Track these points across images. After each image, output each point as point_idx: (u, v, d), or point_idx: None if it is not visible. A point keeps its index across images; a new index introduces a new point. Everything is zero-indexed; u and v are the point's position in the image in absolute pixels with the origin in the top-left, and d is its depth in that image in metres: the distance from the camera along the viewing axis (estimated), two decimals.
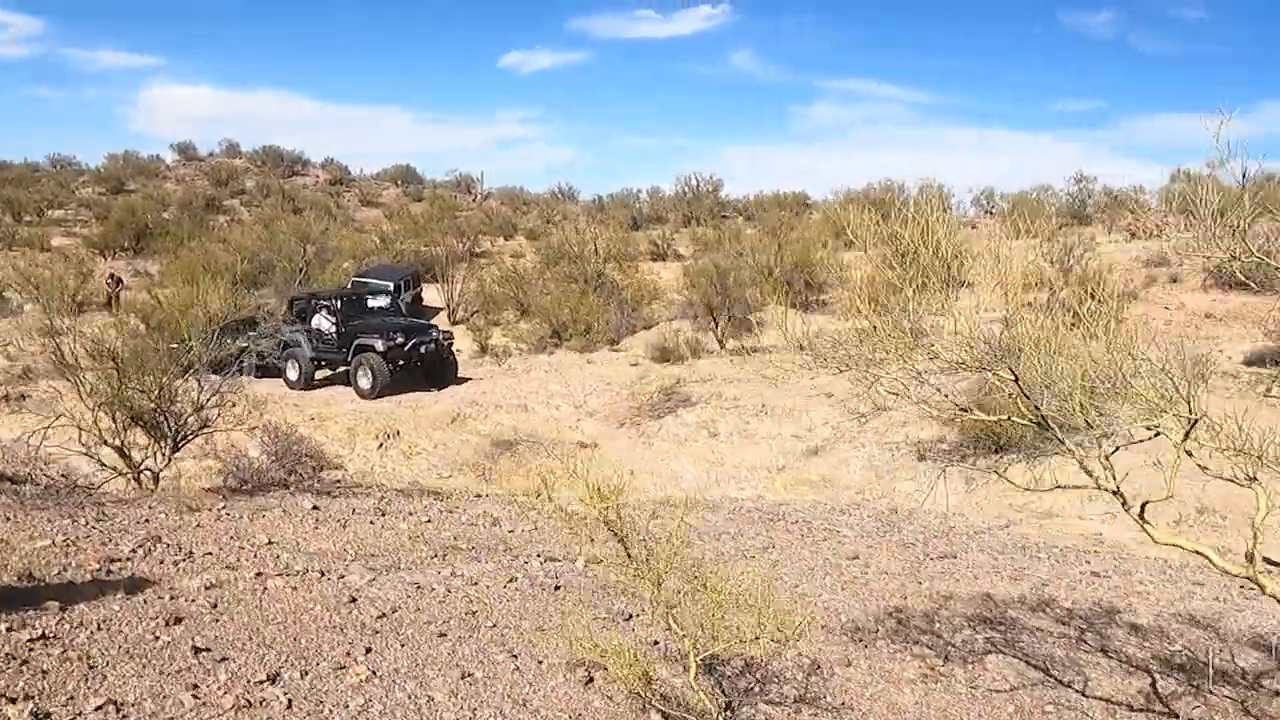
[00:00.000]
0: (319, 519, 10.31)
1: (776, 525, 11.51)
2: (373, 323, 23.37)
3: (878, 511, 12.98)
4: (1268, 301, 27.04)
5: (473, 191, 54.48)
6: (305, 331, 23.46)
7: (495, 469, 17.02)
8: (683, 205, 48.77)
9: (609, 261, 33.34)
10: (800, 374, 21.79)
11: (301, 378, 23.16)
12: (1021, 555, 10.93)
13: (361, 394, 21.62)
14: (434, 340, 22.97)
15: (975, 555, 10.69)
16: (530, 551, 9.55)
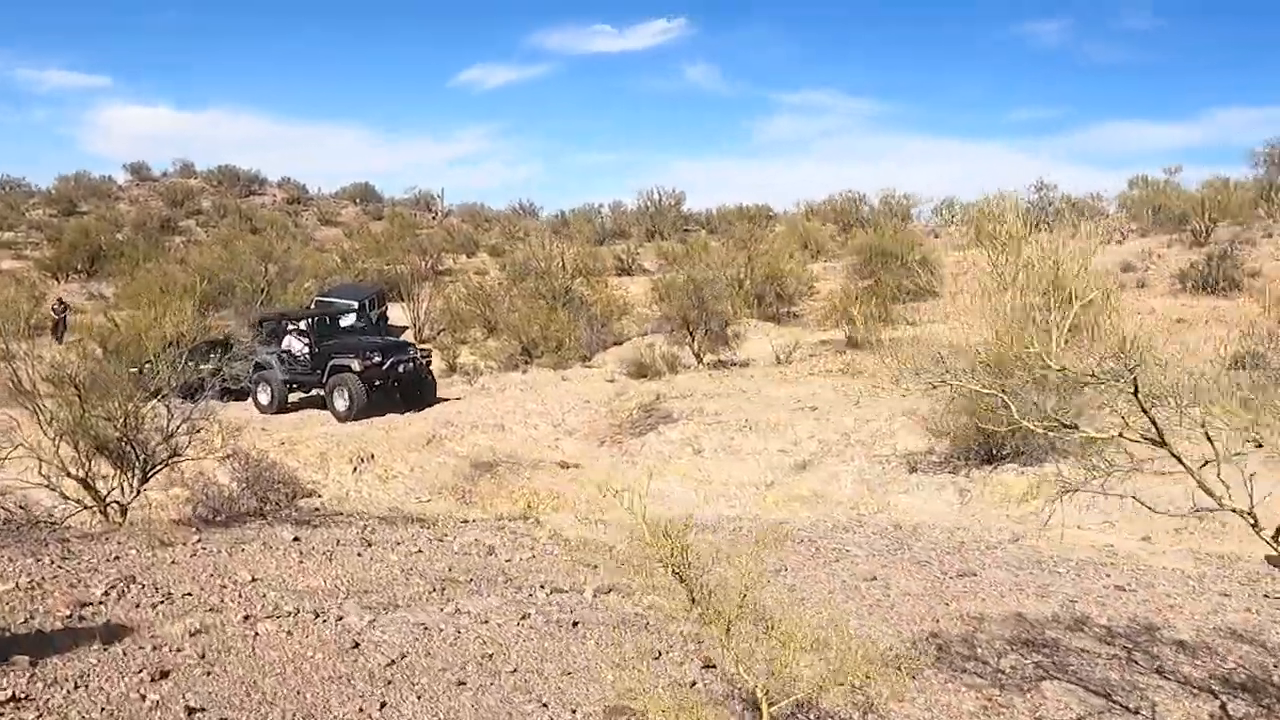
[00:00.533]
0: (302, 551, 9.62)
1: (783, 545, 10.94)
2: (348, 342, 22.38)
3: (882, 528, 12.45)
4: (1235, 305, 27.11)
5: (433, 209, 53.72)
6: (276, 353, 22.41)
7: (476, 491, 16.33)
8: (645, 219, 48.31)
9: (576, 277, 32.74)
10: (781, 387, 21.39)
11: (274, 401, 22.04)
12: (1040, 570, 10.43)
13: (338, 416, 20.72)
14: (412, 359, 22.00)
15: (994, 572, 10.18)
16: (533, 582, 8.92)
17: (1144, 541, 13.40)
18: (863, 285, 27.54)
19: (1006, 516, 14.49)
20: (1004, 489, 15.06)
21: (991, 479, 15.26)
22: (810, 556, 10.35)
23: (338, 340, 22.55)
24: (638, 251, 42.25)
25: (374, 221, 49.72)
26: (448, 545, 10.36)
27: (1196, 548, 13.09)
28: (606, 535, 11.20)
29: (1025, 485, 15.04)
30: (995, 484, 15.12)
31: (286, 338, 22.52)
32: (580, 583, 8.82)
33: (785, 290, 30.02)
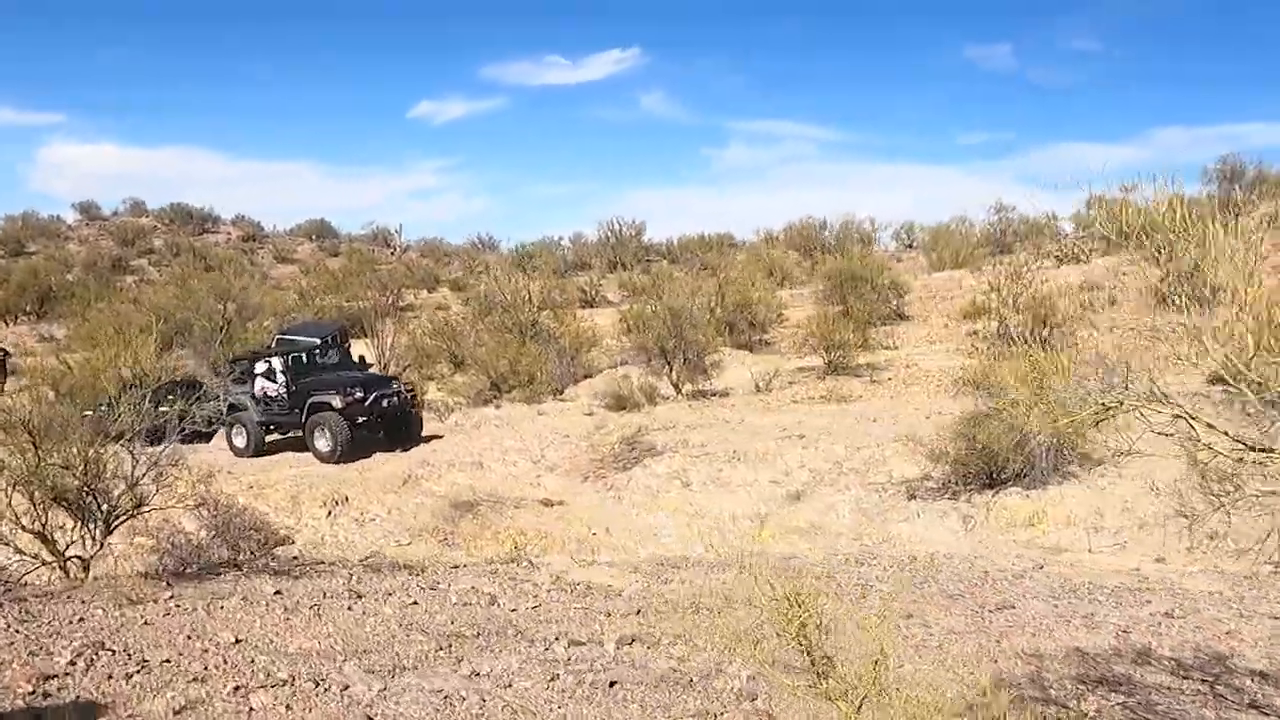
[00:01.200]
0: (287, 607, 8.72)
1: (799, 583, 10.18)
2: (326, 378, 20.98)
3: (898, 560, 11.74)
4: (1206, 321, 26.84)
5: (391, 244, 52.72)
6: (251, 393, 21.04)
7: (458, 533, 15.44)
8: (607, 250, 47.64)
9: (543, 309, 31.94)
10: (765, 415, 20.70)
11: (250, 444, 20.58)
12: (1077, 599, 9.76)
13: (321, 457, 19.37)
14: (396, 393, 20.68)
15: (1032, 603, 9.49)
16: (547, 634, 8.09)
17: (1159, 563, 12.85)
18: (834, 310, 26.94)
19: (1012, 541, 13.90)
20: (1009, 514, 14.45)
21: (995, 504, 14.64)
22: (834, 595, 9.58)
23: (316, 377, 21.13)
24: (600, 283, 41.56)
25: (331, 258, 48.62)
26: (443, 594, 9.50)
27: (1212, 566, 12.55)
28: (612, 578, 10.38)
29: (1031, 510, 14.45)
30: (999, 509, 14.52)
31: (260, 376, 21.16)
32: (598, 633, 8.01)
33: (756, 318, 29.40)
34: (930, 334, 28.38)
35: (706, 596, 9.29)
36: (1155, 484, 14.86)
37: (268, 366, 21.12)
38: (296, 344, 26.31)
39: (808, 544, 14.19)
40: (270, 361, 21.20)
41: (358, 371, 22.30)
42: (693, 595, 9.35)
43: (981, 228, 43.83)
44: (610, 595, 9.42)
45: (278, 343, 27.09)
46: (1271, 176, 38.33)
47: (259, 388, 20.95)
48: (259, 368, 21.21)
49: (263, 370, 21.08)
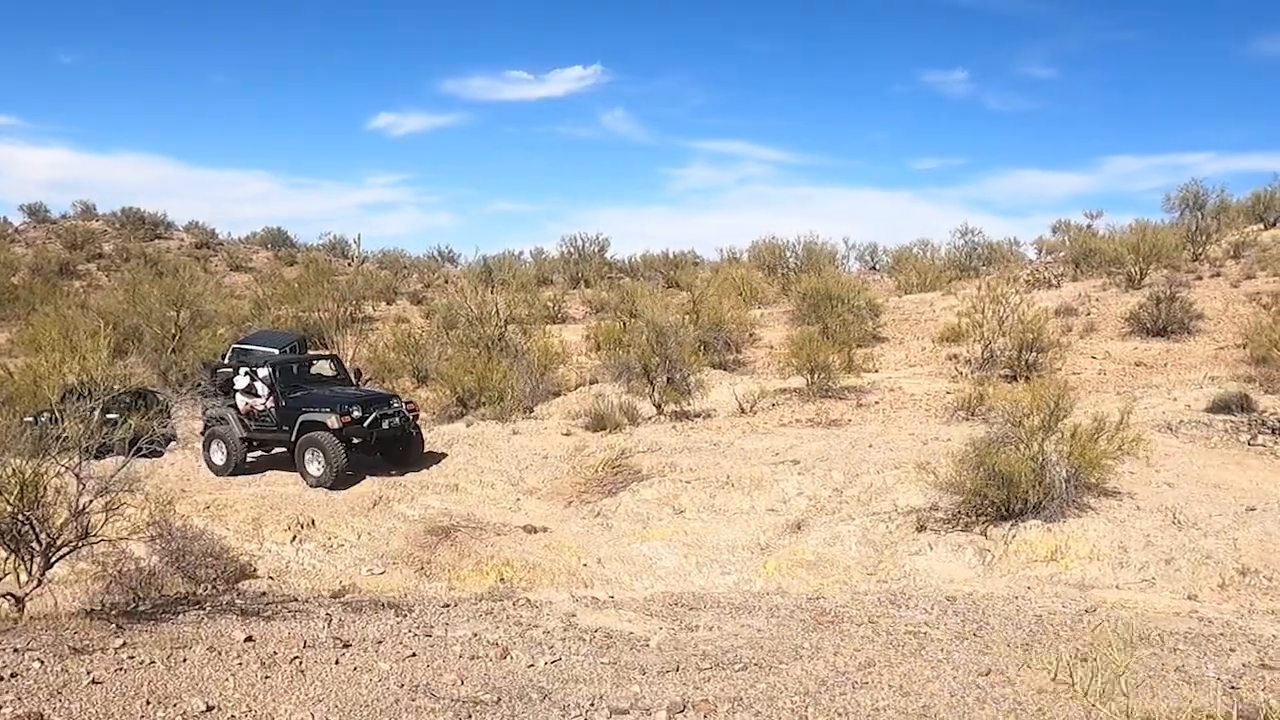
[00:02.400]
0: (263, 660, 7.30)
1: (841, 629, 8.92)
2: (319, 394, 18.63)
3: (934, 599, 10.53)
4: (1188, 347, 26.18)
5: (349, 255, 50.96)
6: (232, 406, 18.81)
7: (435, 561, 14.01)
8: (569, 266, 46.28)
9: (510, 323, 30.49)
10: (753, 438, 19.47)
11: (230, 462, 18.33)
12: (1156, 648, 8.59)
13: (313, 483, 17.14)
14: (397, 412, 18.40)
15: (1110, 654, 8.26)
16: (580, 699, 6.70)
17: (1190, 600, 11.82)
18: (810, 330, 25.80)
19: (1034, 577, 12.78)
20: (1029, 548, 13.33)
21: (1014, 538, 13.50)
22: (888, 646, 8.34)
23: (307, 391, 18.75)
24: (564, 299, 40.24)
25: (287, 267, 46.78)
26: (443, 644, 8.11)
27: (1250, 606, 11.52)
28: (630, 623, 9.03)
29: (1053, 544, 13.33)
30: (1019, 543, 13.39)
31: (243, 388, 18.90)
32: (640, 698, 6.66)
33: (730, 337, 28.23)
34: (909, 357, 27.36)
35: (746, 648, 7.99)
36: (1177, 517, 13.88)
37: (249, 380, 18.87)
38: (253, 354, 24.68)
39: (819, 579, 12.96)
40: (254, 373, 18.94)
41: (352, 387, 20.00)
42: (729, 646, 8.05)
43: (946, 251, 43.11)
44: (636, 646, 8.08)
45: (233, 352, 25.40)
46: (1234, 205, 37.91)
47: (241, 402, 18.74)
48: (239, 381, 18.96)
49: (243, 385, 18.84)
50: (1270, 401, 19.04)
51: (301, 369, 19.72)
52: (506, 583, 12.95)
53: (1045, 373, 22.66)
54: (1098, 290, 32.31)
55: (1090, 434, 14.20)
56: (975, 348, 24.45)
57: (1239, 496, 14.52)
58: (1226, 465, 16.11)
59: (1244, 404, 18.64)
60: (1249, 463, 16.27)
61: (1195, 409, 19.27)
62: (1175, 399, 20.48)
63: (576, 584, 13.09)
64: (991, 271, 39.71)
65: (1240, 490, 14.87)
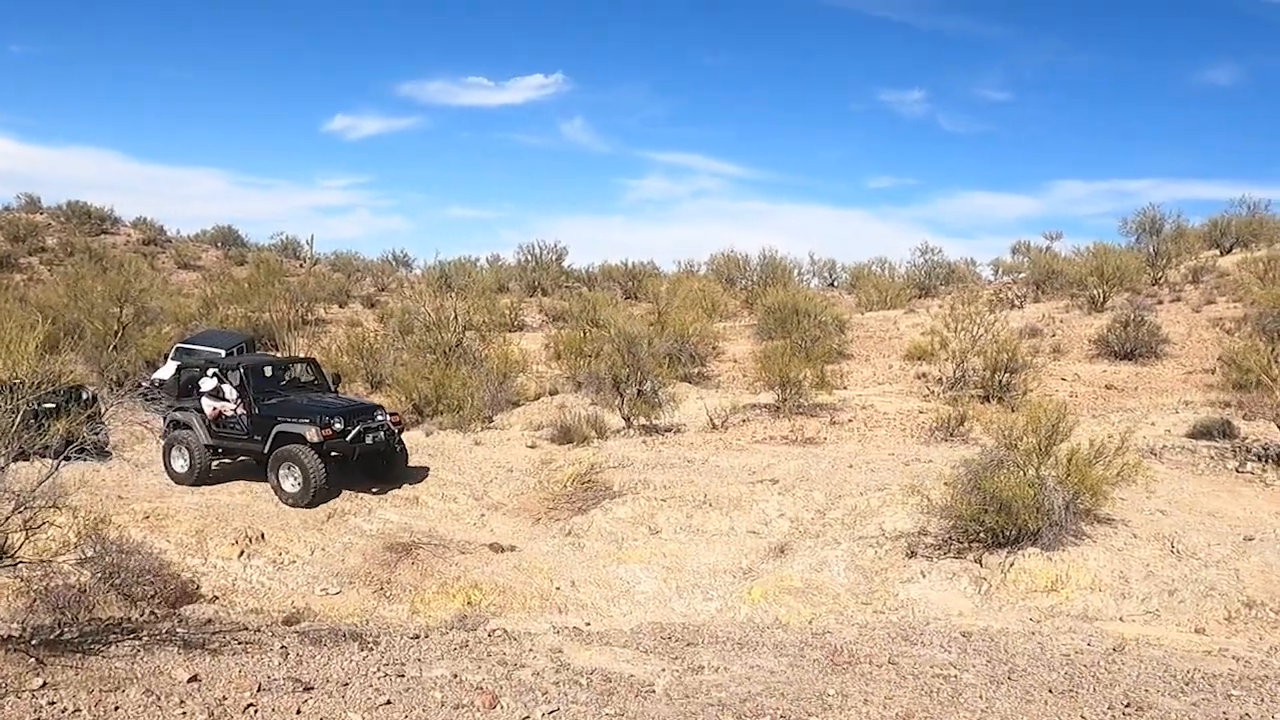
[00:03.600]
0: (211, 708, 6.14)
1: (861, 671, 7.92)
2: (296, 401, 16.73)
3: (949, 636, 9.56)
4: (1157, 371, 25.67)
5: (301, 256, 49.30)
6: (197, 410, 17.01)
7: (395, 581, 12.84)
8: (527, 274, 45.08)
9: (468, 330, 29.29)
10: (727, 455, 18.48)
11: (194, 470, 16.55)
12: (1203, 693, 7.70)
13: (288, 501, 15.47)
14: (381, 425, 16.63)
15: (1164, 702, 7.37)
16: None
17: (1198, 634, 11.04)
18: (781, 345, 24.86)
19: (1034, 608, 11.94)
20: (1029, 578, 12.46)
21: (1012, 566, 12.62)
22: (918, 691, 7.35)
23: (283, 399, 16.84)
24: (521, 306, 39.06)
25: (237, 266, 45.06)
26: (419, 686, 6.98)
27: (1259, 639, 10.77)
28: (627, 663, 7.95)
29: (1054, 573, 12.47)
30: (1018, 572, 12.52)
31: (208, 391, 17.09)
32: None
33: (696, 350, 27.26)
34: (876, 374, 26.56)
35: (765, 695, 6.96)
36: (1175, 546, 13.11)
37: (217, 382, 17.10)
38: (197, 354, 23.23)
39: (810, 608, 11.98)
40: (223, 374, 17.26)
41: (330, 394, 17.98)
42: (745, 694, 7.02)
43: (906, 269, 42.53)
44: (641, 693, 7.01)
45: (176, 352, 23.92)
46: (1190, 231, 37.75)
47: (208, 406, 16.95)
48: (206, 383, 17.16)
49: (210, 388, 17.07)
50: (1250, 428, 18.43)
51: (276, 372, 17.96)
52: (475, 607, 11.82)
53: (1019, 394, 21.97)
54: (1060, 312, 31.83)
55: (1088, 459, 13.42)
56: (946, 367, 23.70)
57: (1234, 525, 13.82)
58: (1218, 493, 15.43)
59: (1226, 430, 18.04)
60: (1240, 490, 15.60)
61: (1176, 434, 18.63)
62: (1154, 424, 19.84)
63: (550, 609, 12.00)
64: (951, 291, 39.22)
65: (1235, 519, 14.18)
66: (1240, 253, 36.42)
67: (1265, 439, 17.08)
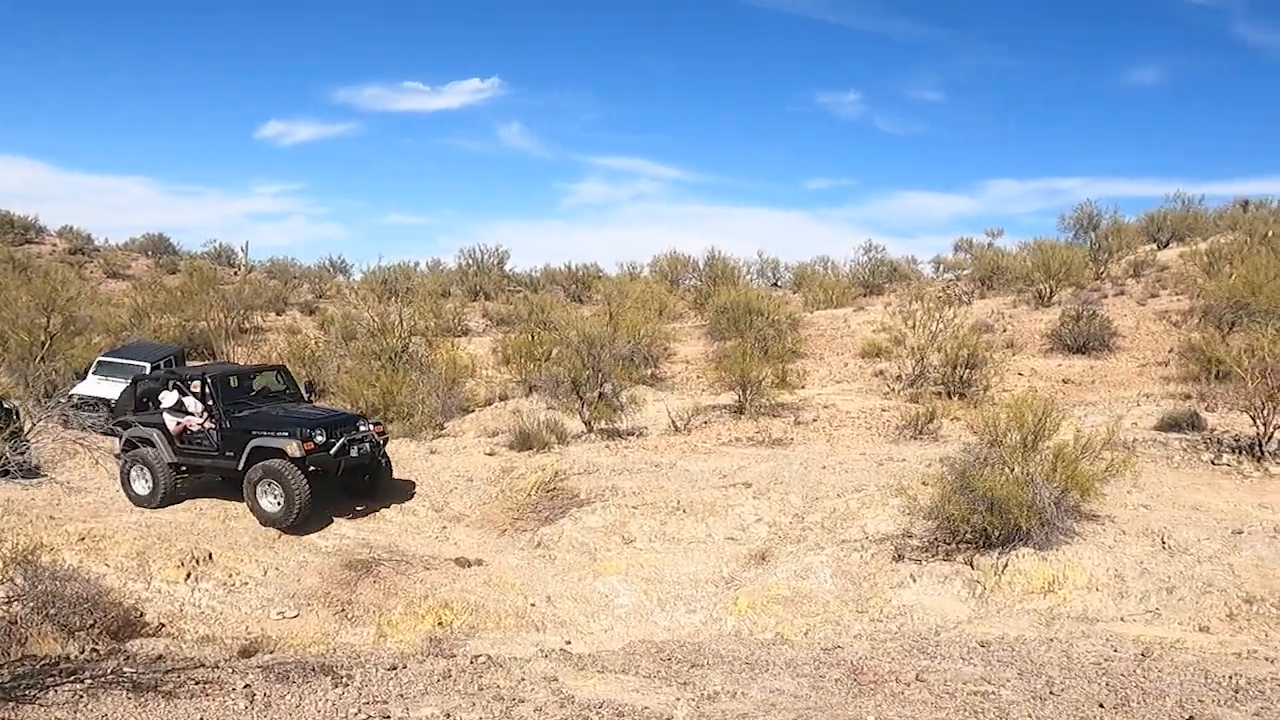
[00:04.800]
0: None
1: (892, 692, 7.18)
2: (271, 413, 15.20)
3: (966, 645, 8.90)
4: (1111, 364, 25.46)
5: (235, 264, 47.61)
6: (159, 426, 15.37)
7: (357, 602, 11.86)
8: (468, 279, 43.96)
9: (414, 335, 28.18)
10: (695, 459, 17.71)
11: (158, 491, 14.98)
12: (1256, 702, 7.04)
13: (267, 521, 14.07)
14: (366, 438, 15.22)
15: (1224, 713, 6.75)
16: None
17: (1203, 632, 10.54)
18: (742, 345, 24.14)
19: (1032, 610, 11.36)
20: (1025, 580, 11.86)
21: (1005, 568, 12.00)
22: (962, 713, 6.61)
23: (257, 411, 15.30)
24: (464, 311, 38.00)
25: (169, 275, 43.28)
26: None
27: (1266, 637, 10.29)
28: (635, 692, 7.11)
29: (1050, 574, 11.88)
30: (1013, 574, 11.91)
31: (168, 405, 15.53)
32: None
33: (649, 352, 26.48)
34: (833, 373, 25.99)
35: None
36: (1166, 542, 12.62)
37: (177, 397, 15.57)
38: (123, 367, 21.88)
39: (803, 618, 11.25)
40: (184, 387, 15.75)
41: (304, 403, 16.45)
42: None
43: (850, 268, 42.21)
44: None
45: (99, 365, 22.49)
46: (1128, 227, 37.90)
47: (170, 422, 15.38)
48: (167, 397, 15.57)
49: (172, 403, 15.53)
50: (1215, 419, 18.14)
51: (243, 381, 16.31)
52: (446, 628, 10.91)
53: (980, 390, 21.54)
54: (1009, 307, 31.62)
55: (1074, 455, 12.89)
56: (906, 364, 23.21)
57: (1220, 519, 13.39)
58: (1198, 486, 15.02)
59: (1194, 422, 17.71)
60: (1220, 483, 15.21)
61: (1144, 427, 18.26)
62: (1120, 417, 19.46)
63: (527, 627, 11.12)
64: (896, 289, 38.97)
65: (1220, 513, 13.75)
66: (1178, 246, 36.64)
67: (1235, 430, 16.75)
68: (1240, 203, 39.64)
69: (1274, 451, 15.53)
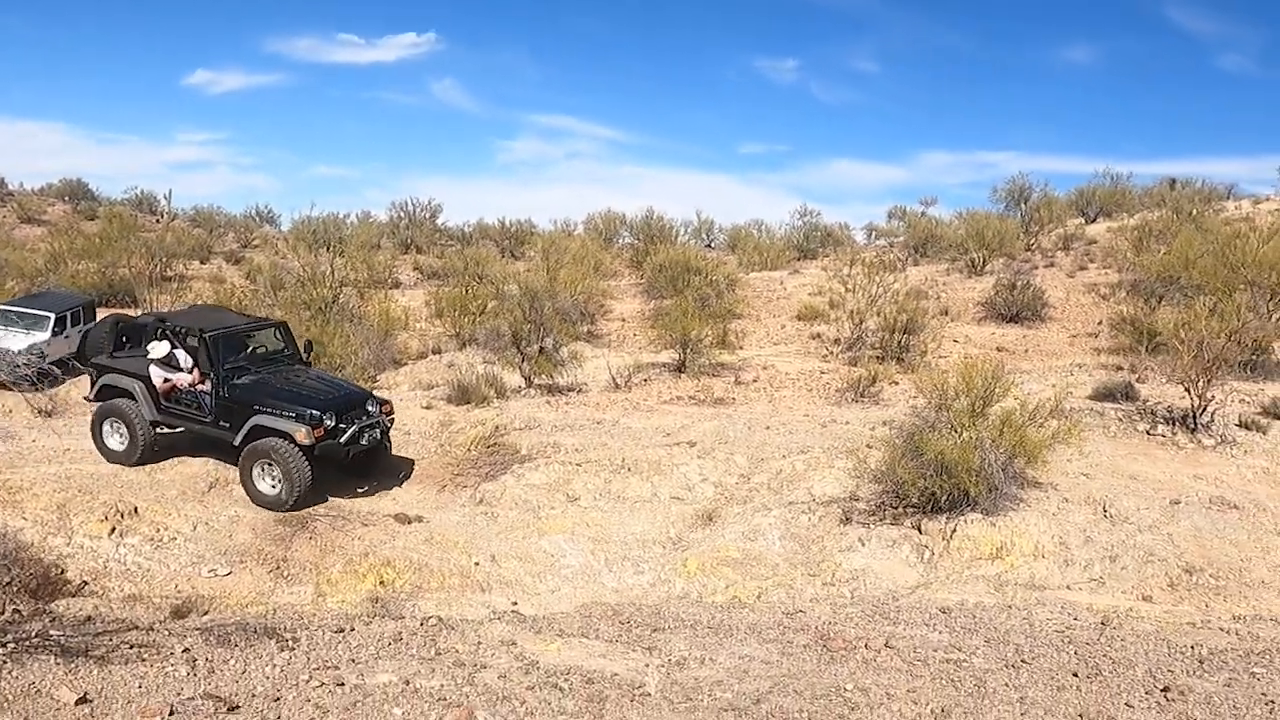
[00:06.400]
0: None
1: (863, 659, 6.93)
2: (272, 384, 13.60)
3: (928, 611, 8.74)
4: (1043, 334, 25.68)
5: (157, 211, 45.83)
6: (142, 378, 13.87)
7: (293, 559, 11.34)
8: (400, 232, 42.91)
9: (344, 286, 27.32)
10: (637, 416, 17.38)
11: (135, 448, 13.67)
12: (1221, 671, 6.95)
13: (262, 502, 12.81)
14: (376, 422, 13.83)
15: (1194, 683, 6.61)
16: None
17: (1145, 601, 10.58)
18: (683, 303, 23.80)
19: (980, 576, 11.28)
20: (973, 545, 11.76)
21: (954, 533, 11.89)
22: (939, 681, 6.39)
23: (258, 379, 13.67)
24: (394, 264, 37.06)
25: (87, 221, 41.47)
26: (367, 699, 5.67)
27: (1206, 608, 10.34)
28: (601, 657, 6.76)
29: (998, 540, 11.80)
30: (961, 539, 11.81)
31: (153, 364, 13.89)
32: None
33: (586, 309, 26.04)
34: (770, 335, 25.79)
35: (778, 694, 5.90)
36: (1108, 511, 12.65)
37: (169, 350, 14.00)
38: (26, 318, 20.77)
39: (754, 581, 11.01)
40: (179, 340, 14.18)
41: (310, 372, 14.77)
42: (754, 692, 5.94)
43: (785, 232, 42.08)
44: (635, 696, 5.86)
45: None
46: (1058, 201, 38.27)
47: (157, 376, 13.81)
48: (156, 349, 13.90)
49: (160, 355, 13.89)
50: (1148, 391, 18.29)
51: (240, 339, 14.36)
52: (389, 587, 10.43)
53: (918, 355, 21.52)
54: (942, 275, 31.72)
55: (1021, 421, 12.83)
56: (844, 327, 23.10)
57: (1158, 489, 13.48)
58: (1135, 456, 15.11)
59: (1128, 393, 17.82)
60: (1156, 454, 15.31)
61: (1079, 396, 18.34)
62: (1054, 385, 19.56)
63: (472, 588, 10.69)
64: (830, 254, 38.92)
65: (1157, 482, 13.84)
66: (1106, 221, 37.11)
67: (1168, 402, 16.87)
68: (1168, 181, 40.23)
69: (1207, 424, 15.64)
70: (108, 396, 14.10)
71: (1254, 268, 20.04)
